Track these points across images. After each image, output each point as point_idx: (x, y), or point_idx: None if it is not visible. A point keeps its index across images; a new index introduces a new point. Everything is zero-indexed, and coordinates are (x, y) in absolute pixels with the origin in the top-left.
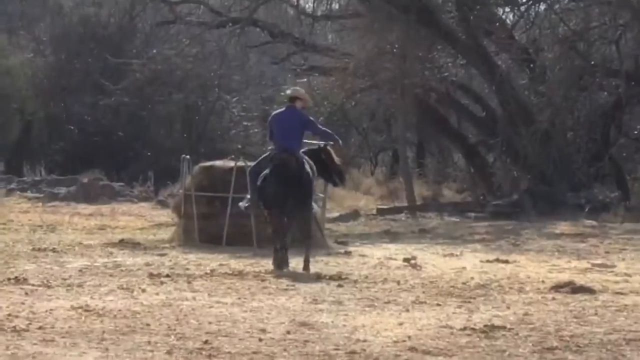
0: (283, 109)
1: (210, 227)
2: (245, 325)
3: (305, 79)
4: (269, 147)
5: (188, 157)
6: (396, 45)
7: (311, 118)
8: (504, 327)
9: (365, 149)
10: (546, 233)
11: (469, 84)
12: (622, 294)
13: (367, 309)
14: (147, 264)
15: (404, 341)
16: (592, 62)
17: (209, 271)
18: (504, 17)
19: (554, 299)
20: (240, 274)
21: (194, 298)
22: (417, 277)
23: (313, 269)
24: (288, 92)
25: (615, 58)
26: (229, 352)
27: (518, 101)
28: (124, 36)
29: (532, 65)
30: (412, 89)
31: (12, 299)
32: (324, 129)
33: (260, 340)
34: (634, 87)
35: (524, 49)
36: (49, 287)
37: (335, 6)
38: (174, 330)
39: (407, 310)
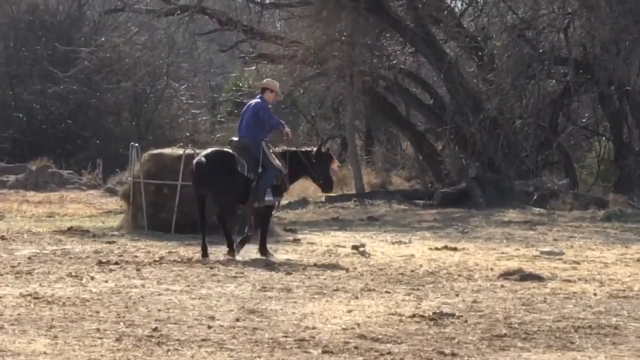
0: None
1: (158, 214)
2: (194, 312)
3: (253, 67)
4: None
5: (137, 144)
6: (345, 33)
7: (266, 107)
8: (452, 315)
9: (314, 137)
10: (495, 220)
11: (417, 71)
12: (570, 281)
13: (316, 296)
14: (96, 252)
15: (353, 328)
16: (541, 50)
17: (157, 259)
18: (452, 5)
19: (502, 286)
20: (189, 262)
21: (142, 285)
22: (365, 264)
23: (264, 257)
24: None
25: (564, 46)
26: (178, 339)
27: (466, 89)
28: (72, 24)
29: (480, 53)
30: (360, 76)
31: None
32: (273, 120)
33: (209, 327)
34: (582, 75)
35: (473, 37)
36: None
37: None
38: (123, 317)
39: (356, 298)
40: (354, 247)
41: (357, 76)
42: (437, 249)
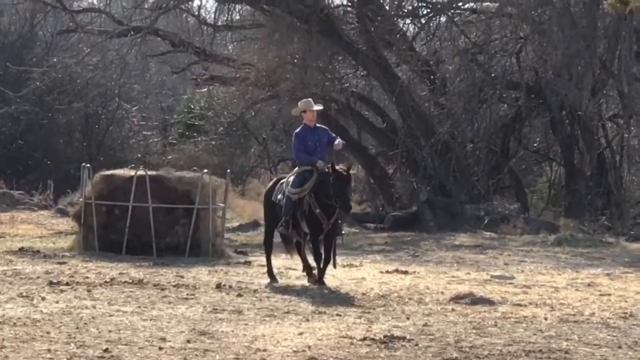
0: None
1: (110, 235)
2: (145, 334)
3: (205, 89)
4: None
5: (88, 165)
6: (297, 56)
7: (296, 135)
8: (403, 338)
9: (265, 159)
10: (445, 244)
11: (369, 95)
12: (521, 305)
13: (267, 318)
14: (47, 272)
15: (304, 351)
16: (493, 75)
17: (108, 280)
18: (404, 28)
19: (453, 310)
20: (140, 283)
21: (94, 306)
22: (316, 287)
23: (215, 279)
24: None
25: (516, 70)
26: None
27: (418, 113)
28: (24, 44)
29: (432, 77)
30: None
31: None
32: (296, 151)
33: (160, 349)
34: (533, 99)
35: (425, 61)
36: None
37: (237, 16)
38: (74, 338)
39: (307, 320)
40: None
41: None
42: (388, 272)
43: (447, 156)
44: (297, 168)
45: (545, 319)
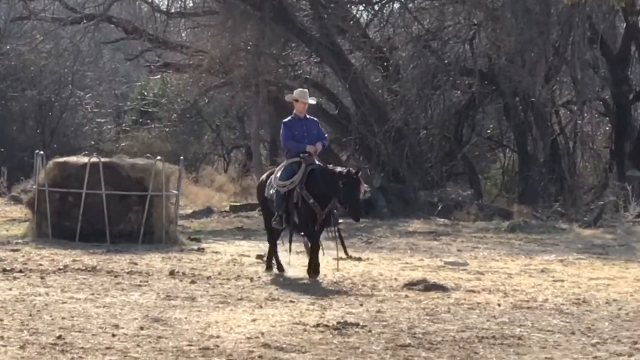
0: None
1: (63, 222)
2: (98, 320)
3: (158, 76)
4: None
5: (42, 152)
6: (250, 43)
7: (285, 125)
8: (357, 324)
9: (219, 146)
10: (399, 231)
11: (322, 81)
12: (474, 291)
13: (220, 305)
14: (0, 260)
15: (257, 337)
16: (446, 61)
17: (62, 267)
18: (358, 15)
19: (406, 296)
20: (94, 270)
21: (47, 293)
22: (270, 274)
23: (168, 266)
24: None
25: (469, 57)
26: (82, 348)
27: (371, 99)
28: None
29: (385, 64)
30: (266, 86)
31: None
32: (284, 140)
33: (114, 335)
34: (487, 86)
35: (378, 48)
36: None
37: (190, 3)
38: (27, 325)
39: (261, 307)
40: (259, 257)
41: (263, 86)
42: (341, 259)
43: (401, 143)
44: (284, 161)
45: (499, 305)
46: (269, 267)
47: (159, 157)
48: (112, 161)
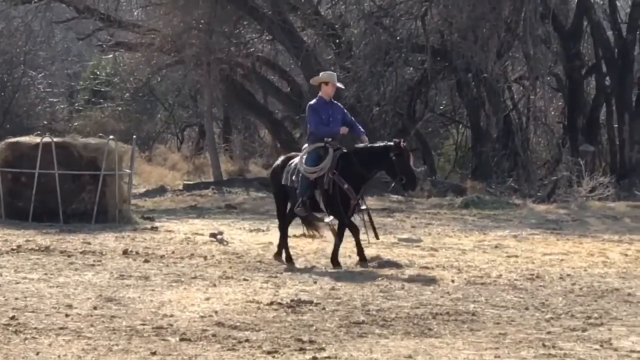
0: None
1: (16, 203)
2: (51, 300)
3: (111, 55)
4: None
5: None
6: (202, 21)
7: (312, 108)
8: (310, 302)
9: (172, 125)
10: None
11: (275, 59)
12: (428, 268)
13: (173, 284)
14: None
15: (211, 316)
16: (398, 38)
17: (15, 247)
18: None
19: (360, 273)
20: (47, 250)
21: (0, 274)
22: (223, 252)
23: (121, 245)
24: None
25: (421, 33)
26: (36, 328)
27: None
28: None
29: (337, 41)
30: (218, 64)
31: None
32: (312, 124)
33: (67, 315)
34: (439, 62)
35: (330, 25)
36: None
37: None
38: None
39: (214, 285)
40: (212, 235)
41: (215, 64)
42: (295, 236)
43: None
44: (306, 145)
45: (453, 281)
46: (278, 255)
47: (111, 137)
48: (65, 141)
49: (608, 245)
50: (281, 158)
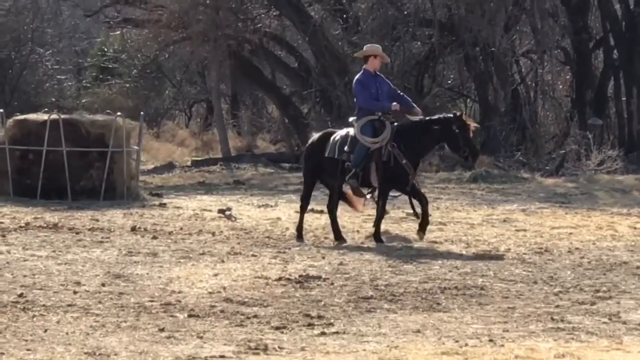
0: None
1: (24, 180)
2: (60, 278)
3: (118, 32)
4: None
5: (2, 110)
6: None
7: (360, 81)
8: (319, 277)
9: (180, 101)
10: None
11: (282, 35)
12: (437, 242)
13: (182, 260)
14: None
15: (219, 292)
16: (406, 12)
17: (23, 224)
18: None
19: (369, 248)
20: (55, 227)
21: (8, 251)
22: (232, 228)
23: (130, 222)
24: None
25: (428, 8)
26: (44, 305)
27: (331, 52)
28: None
29: (345, 16)
30: (225, 40)
31: None
32: (362, 98)
33: (75, 292)
34: (447, 36)
35: (337, 0)
36: None
37: None
38: None
39: (222, 262)
40: (220, 211)
41: (222, 40)
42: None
43: None
44: (353, 119)
45: (461, 255)
46: (300, 236)
47: (119, 113)
48: (73, 118)
49: (617, 219)
50: (318, 134)
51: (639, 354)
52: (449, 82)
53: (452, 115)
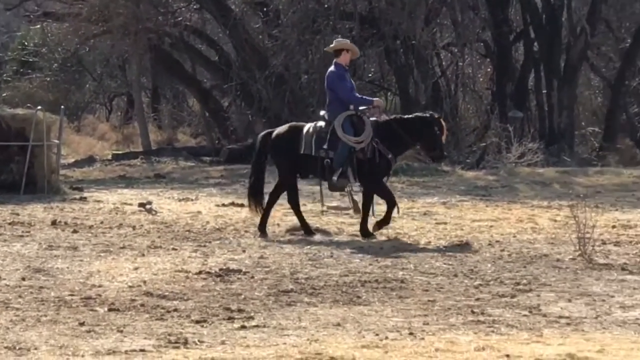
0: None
1: None
2: None
3: (39, 25)
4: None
5: None
6: None
7: (337, 75)
8: (239, 271)
9: (100, 95)
10: None
11: (203, 28)
12: (357, 236)
13: (102, 254)
14: None
15: (139, 286)
16: (326, 5)
17: None
18: None
19: (289, 241)
20: None
21: None
22: (152, 222)
23: (50, 216)
24: (332, 45)
25: (349, 1)
26: None
27: (252, 45)
28: None
29: (265, 9)
30: (145, 34)
31: None
32: (343, 91)
33: None
34: (367, 29)
35: None
36: None
37: None
38: None
39: (143, 255)
40: (141, 205)
41: (142, 33)
42: (224, 205)
43: (282, 88)
44: (323, 113)
45: (382, 248)
46: (309, 231)
47: (39, 107)
48: None
49: (537, 211)
50: (285, 127)
51: (559, 347)
52: (370, 75)
53: (429, 116)
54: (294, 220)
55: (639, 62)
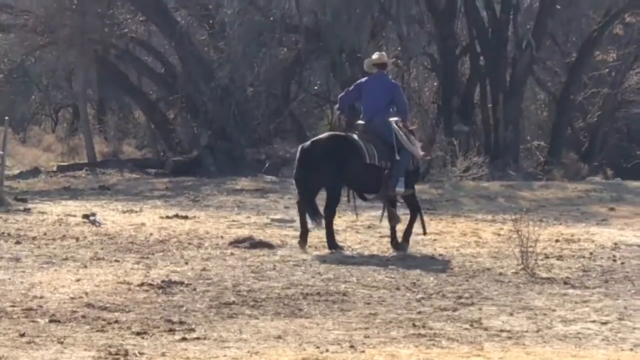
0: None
1: None
2: None
3: None
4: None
5: None
6: (75, 2)
7: (402, 91)
8: (181, 283)
9: (46, 106)
10: (226, 189)
11: (148, 40)
12: (300, 249)
13: (44, 265)
14: None
15: (81, 297)
16: (272, 18)
17: None
18: None
19: (232, 254)
20: None
21: None
22: (96, 233)
23: None
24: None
25: (295, 14)
26: None
27: (197, 57)
28: None
29: (211, 22)
30: (91, 45)
31: None
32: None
33: None
34: (313, 42)
35: (204, 5)
36: None
37: None
38: None
39: (85, 267)
40: (85, 216)
41: (88, 45)
42: (168, 217)
43: (227, 100)
44: (393, 120)
45: (324, 261)
46: (335, 246)
47: None
48: None
49: (481, 225)
50: (325, 136)
51: None
52: (316, 87)
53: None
54: (237, 232)
55: (585, 77)
